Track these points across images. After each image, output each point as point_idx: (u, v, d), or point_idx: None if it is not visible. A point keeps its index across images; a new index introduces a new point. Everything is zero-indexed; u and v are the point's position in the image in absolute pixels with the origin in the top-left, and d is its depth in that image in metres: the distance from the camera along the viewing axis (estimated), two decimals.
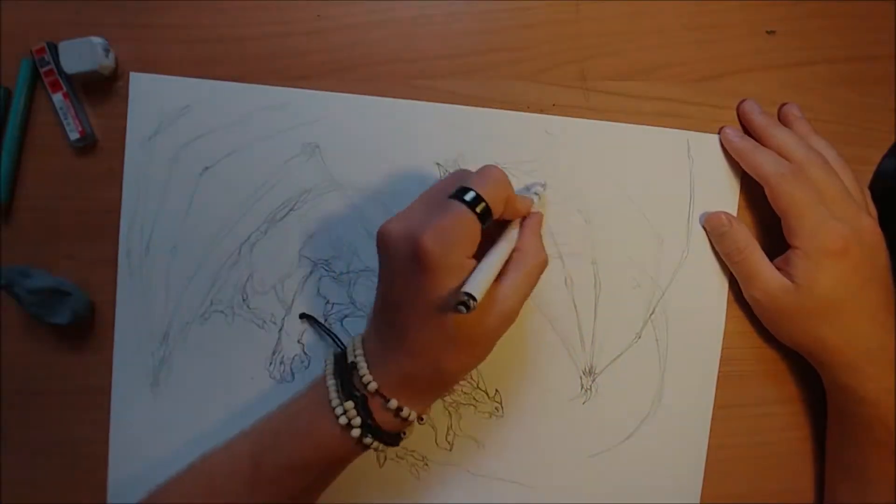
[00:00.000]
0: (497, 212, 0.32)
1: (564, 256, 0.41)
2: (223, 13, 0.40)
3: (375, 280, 0.35)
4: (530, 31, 0.41)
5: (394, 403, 0.32)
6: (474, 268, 0.31)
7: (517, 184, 0.41)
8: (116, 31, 0.39)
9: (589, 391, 0.42)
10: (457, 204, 0.31)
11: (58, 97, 0.38)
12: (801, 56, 0.43)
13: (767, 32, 0.43)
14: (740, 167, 0.41)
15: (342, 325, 0.41)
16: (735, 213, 0.42)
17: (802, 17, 0.43)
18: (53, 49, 0.38)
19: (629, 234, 0.42)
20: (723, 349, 0.43)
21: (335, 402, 0.33)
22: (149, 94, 0.39)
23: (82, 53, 0.38)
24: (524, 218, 0.36)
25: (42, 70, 0.38)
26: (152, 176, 0.39)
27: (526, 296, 0.34)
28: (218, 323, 0.40)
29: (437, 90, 0.41)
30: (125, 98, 0.39)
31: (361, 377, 0.33)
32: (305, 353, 0.41)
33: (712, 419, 0.43)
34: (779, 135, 0.40)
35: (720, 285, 0.43)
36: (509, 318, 0.33)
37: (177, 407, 0.40)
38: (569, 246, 0.41)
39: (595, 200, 0.42)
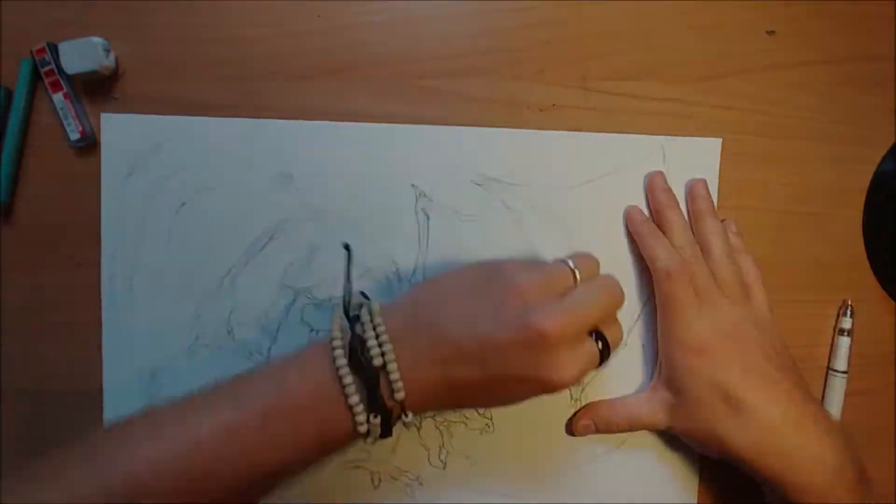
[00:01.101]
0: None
1: None
2: (223, 13, 0.40)
3: None
4: (530, 31, 0.41)
5: (400, 395, 0.30)
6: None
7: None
8: (116, 31, 0.39)
9: (578, 401, 0.42)
10: (593, 345, 0.33)
11: (58, 97, 0.38)
12: (801, 56, 0.43)
13: (767, 32, 0.43)
14: (717, 170, 0.42)
15: None
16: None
17: (802, 17, 0.43)
18: (54, 49, 0.38)
19: (609, 241, 0.42)
20: None
21: (360, 417, 0.30)
22: (120, 134, 0.39)
23: (82, 53, 0.38)
24: None
25: (42, 70, 0.38)
26: (129, 215, 0.39)
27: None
28: (204, 357, 0.40)
29: (437, 90, 0.41)
30: (125, 99, 0.39)
31: (393, 388, 0.30)
32: None
33: None
34: (671, 221, 0.40)
35: None
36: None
37: None
38: (550, 257, 0.41)
39: (574, 210, 0.41)
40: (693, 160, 0.42)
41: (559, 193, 0.41)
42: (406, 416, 0.32)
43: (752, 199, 0.43)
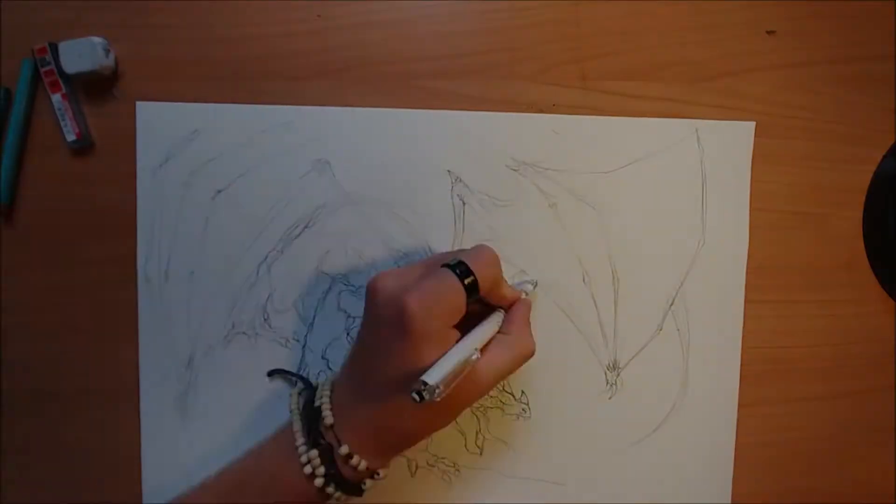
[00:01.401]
0: (484, 289, 0.33)
1: (580, 254, 0.42)
2: (223, 13, 0.40)
3: None
4: (530, 31, 0.41)
5: (344, 449, 0.32)
6: (445, 353, 0.31)
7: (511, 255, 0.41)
8: (116, 31, 0.39)
9: (614, 386, 0.42)
10: (447, 273, 0.32)
11: (56, 98, 0.38)
12: (801, 56, 0.43)
13: (767, 32, 0.43)
14: (750, 154, 0.42)
15: None
16: (747, 201, 0.42)
17: (802, 17, 0.43)
18: (54, 49, 0.38)
19: (644, 226, 0.42)
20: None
21: (301, 449, 0.33)
22: (156, 122, 0.39)
23: (82, 53, 0.38)
24: (513, 305, 0.37)
25: (42, 70, 0.38)
26: (166, 203, 0.40)
27: (503, 377, 0.35)
28: (241, 344, 0.40)
29: (437, 90, 0.41)
30: (124, 99, 0.39)
31: (326, 424, 0.33)
32: (330, 369, 0.41)
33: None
34: None
35: (738, 271, 0.43)
36: (482, 392, 0.34)
37: (206, 431, 0.40)
38: (584, 243, 0.42)
39: (607, 196, 0.42)
40: (727, 144, 0.42)
41: (593, 178, 0.42)
42: (352, 459, 0.33)
43: (752, 198, 0.43)
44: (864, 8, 0.43)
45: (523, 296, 0.38)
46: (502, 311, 0.37)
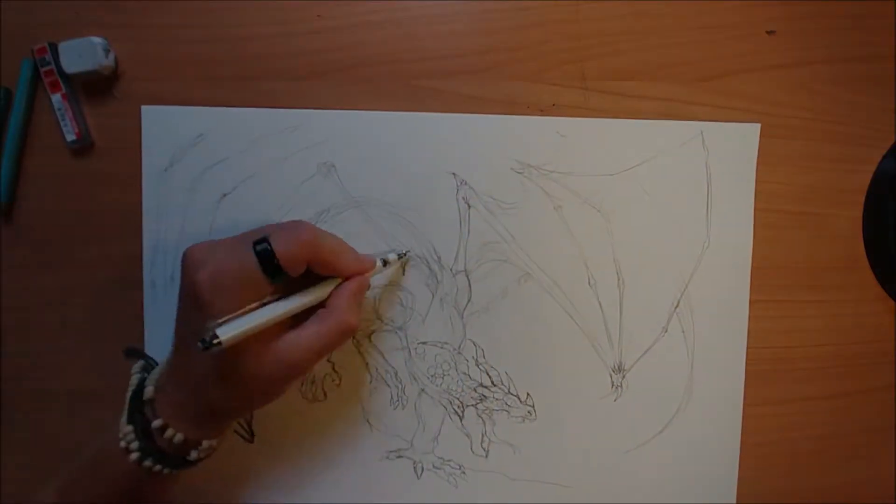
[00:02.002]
0: (294, 270, 0.32)
1: (586, 256, 0.42)
2: (223, 13, 0.40)
3: (402, 295, 0.35)
4: (530, 31, 0.41)
5: (157, 423, 0.32)
6: (243, 311, 0.31)
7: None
8: (116, 31, 0.39)
9: (620, 388, 0.42)
10: (245, 249, 0.31)
11: (56, 98, 0.38)
12: (801, 56, 0.43)
13: (767, 32, 0.43)
14: (755, 156, 0.42)
15: (370, 340, 0.41)
16: (752, 203, 0.42)
17: (802, 17, 0.43)
18: (54, 49, 0.38)
19: (649, 228, 0.42)
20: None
21: (120, 426, 0.33)
22: (160, 125, 0.39)
23: (82, 53, 0.38)
24: (348, 278, 0.35)
25: (42, 70, 0.38)
26: (171, 206, 0.40)
27: (319, 353, 0.33)
28: None
29: (437, 90, 0.41)
30: (125, 99, 0.39)
31: (146, 398, 0.33)
32: (335, 371, 0.41)
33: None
34: None
35: (742, 273, 0.43)
36: (294, 369, 0.33)
37: None
38: (589, 245, 0.42)
39: (613, 198, 0.42)
40: (732, 146, 0.42)
41: (599, 180, 0.42)
42: (166, 431, 0.32)
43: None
44: (864, 8, 0.43)
45: (378, 268, 0.37)
46: (332, 284, 0.35)
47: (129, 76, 0.40)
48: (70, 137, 0.39)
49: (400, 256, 0.40)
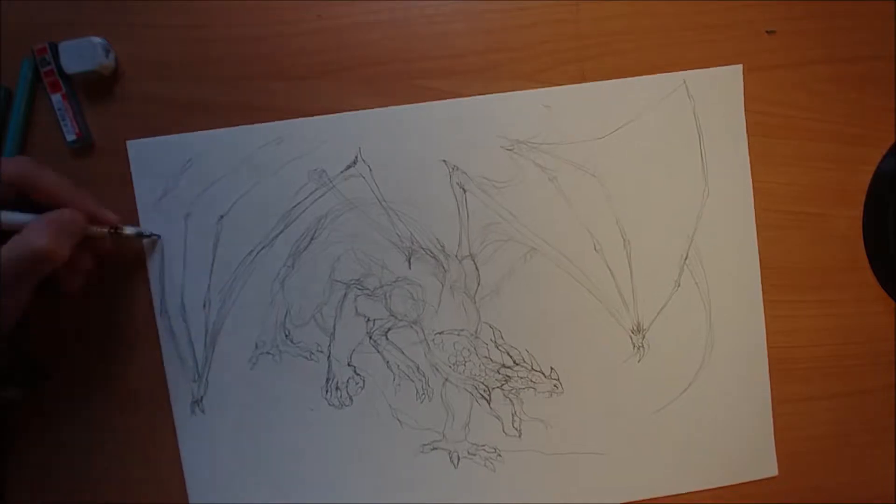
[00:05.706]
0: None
1: (588, 223, 0.42)
2: (223, 13, 0.40)
3: (409, 289, 0.37)
4: (530, 31, 0.41)
5: None
6: None
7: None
8: (116, 31, 0.39)
9: (641, 349, 0.42)
10: None
11: (56, 98, 0.38)
12: (801, 56, 0.43)
13: (767, 32, 0.43)
14: (741, 96, 0.42)
15: (387, 338, 0.41)
16: (745, 145, 0.42)
17: (802, 17, 0.43)
18: (54, 49, 0.38)
19: (646, 186, 0.42)
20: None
21: None
22: (148, 158, 0.40)
23: (82, 53, 0.38)
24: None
25: (42, 70, 0.38)
26: (171, 235, 0.40)
27: (7, 269, 0.32)
28: (267, 364, 0.41)
29: (437, 90, 0.41)
30: (124, 99, 0.39)
31: None
32: (358, 374, 0.41)
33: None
34: None
35: (746, 213, 0.43)
36: None
37: (244, 454, 0.41)
38: (590, 212, 0.42)
39: (606, 161, 0.42)
40: (717, 91, 0.42)
41: (589, 146, 0.41)
42: None
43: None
44: (864, 8, 0.43)
45: (106, 227, 0.36)
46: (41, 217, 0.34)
47: (129, 76, 0.40)
48: (70, 137, 0.39)
49: (142, 235, 0.39)
